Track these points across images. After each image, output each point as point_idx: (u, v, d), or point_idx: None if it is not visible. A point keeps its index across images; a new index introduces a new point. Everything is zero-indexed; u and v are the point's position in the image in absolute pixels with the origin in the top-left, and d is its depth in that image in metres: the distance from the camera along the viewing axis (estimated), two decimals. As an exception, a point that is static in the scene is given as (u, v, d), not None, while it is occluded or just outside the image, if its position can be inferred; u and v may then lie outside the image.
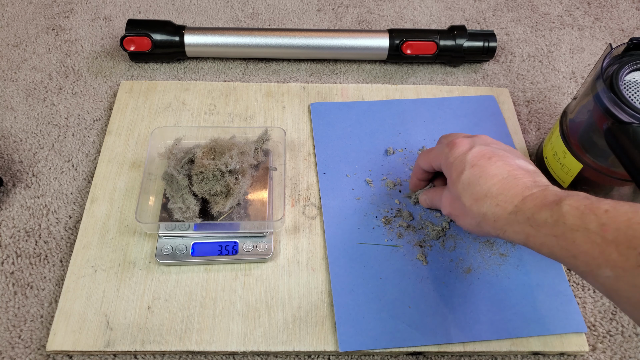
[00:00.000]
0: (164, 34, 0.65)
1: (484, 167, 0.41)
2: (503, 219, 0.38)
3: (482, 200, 0.40)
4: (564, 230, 0.34)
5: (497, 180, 0.40)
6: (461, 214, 0.43)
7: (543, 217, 0.36)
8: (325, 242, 0.52)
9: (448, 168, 0.43)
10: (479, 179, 0.40)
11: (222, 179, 0.50)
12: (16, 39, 0.71)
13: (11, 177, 0.57)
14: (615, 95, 0.45)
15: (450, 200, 0.44)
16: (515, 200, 0.38)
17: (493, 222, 0.39)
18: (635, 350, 0.48)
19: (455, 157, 0.43)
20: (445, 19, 0.78)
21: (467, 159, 0.42)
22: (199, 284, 0.49)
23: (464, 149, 0.43)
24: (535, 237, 0.36)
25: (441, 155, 0.45)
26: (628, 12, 0.80)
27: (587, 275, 0.34)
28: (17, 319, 0.48)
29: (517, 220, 0.37)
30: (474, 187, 0.40)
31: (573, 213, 0.34)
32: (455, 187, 0.42)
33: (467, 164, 0.41)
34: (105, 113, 0.63)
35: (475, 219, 0.41)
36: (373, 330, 0.46)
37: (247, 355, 0.47)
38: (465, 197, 0.41)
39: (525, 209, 0.37)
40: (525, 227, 0.37)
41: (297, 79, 0.68)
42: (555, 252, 0.35)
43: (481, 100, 0.65)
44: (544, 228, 0.35)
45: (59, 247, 0.52)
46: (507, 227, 0.38)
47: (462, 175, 0.41)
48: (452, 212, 0.45)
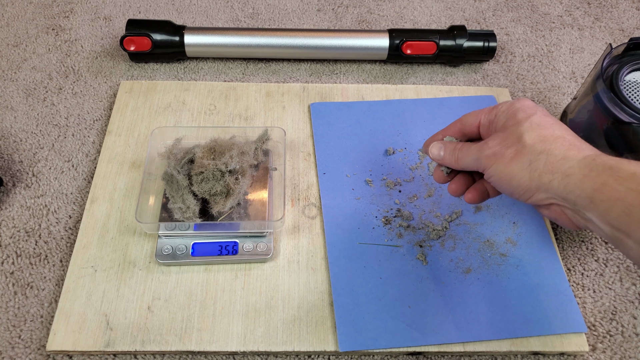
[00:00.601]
0: (164, 34, 0.66)
1: (557, 122, 0.37)
2: (575, 159, 0.33)
3: (551, 140, 0.35)
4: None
5: (572, 134, 0.36)
6: (514, 152, 0.37)
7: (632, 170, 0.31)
8: (325, 242, 0.52)
9: (512, 112, 0.38)
10: (552, 125, 0.36)
11: (222, 179, 0.50)
12: (16, 39, 0.71)
13: (11, 177, 0.57)
14: (615, 95, 0.45)
15: (501, 139, 0.38)
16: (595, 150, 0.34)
17: (557, 160, 0.34)
18: (635, 350, 0.48)
19: (523, 104, 0.39)
20: (445, 19, 0.78)
21: (539, 109, 0.38)
22: (199, 284, 0.49)
23: (534, 103, 0.40)
24: (612, 188, 0.31)
25: (502, 105, 0.40)
26: (628, 12, 0.80)
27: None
28: (17, 319, 0.48)
29: (594, 164, 0.32)
30: (545, 129, 0.36)
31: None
32: (519, 125, 0.37)
33: (539, 111, 0.38)
34: (105, 113, 0.63)
35: (531, 157, 0.35)
36: (373, 330, 0.46)
37: (247, 355, 0.47)
38: (529, 135, 0.36)
39: (607, 158, 0.32)
40: (603, 174, 0.31)
41: (297, 79, 0.68)
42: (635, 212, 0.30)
43: (481, 100, 0.65)
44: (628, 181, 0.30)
45: (59, 247, 0.52)
46: (576, 169, 0.33)
47: (533, 117, 0.37)
48: (497, 152, 0.38)
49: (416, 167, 0.58)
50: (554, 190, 0.34)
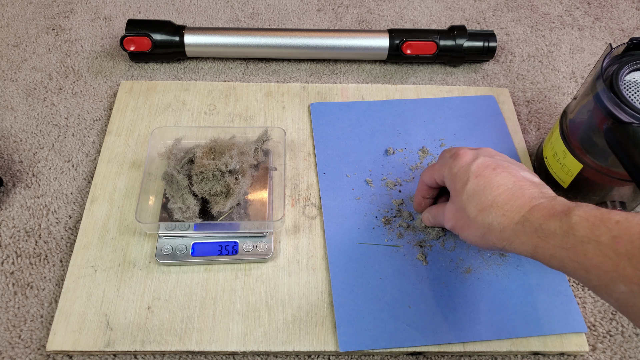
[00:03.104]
0: (164, 34, 0.65)
1: (489, 178, 0.40)
2: (509, 229, 0.37)
3: (487, 210, 0.39)
4: (574, 242, 0.33)
5: (503, 190, 0.39)
6: (465, 225, 0.42)
7: (552, 228, 0.34)
8: (325, 242, 0.52)
9: (452, 179, 0.43)
10: (484, 189, 0.39)
11: (222, 179, 0.50)
12: (16, 39, 0.71)
13: (11, 177, 0.57)
14: (615, 95, 0.45)
15: (453, 212, 0.43)
16: (522, 210, 0.37)
17: (499, 232, 0.38)
18: (635, 350, 0.48)
19: (459, 167, 0.42)
20: (445, 19, 0.78)
21: (472, 169, 0.41)
22: (199, 284, 0.49)
23: (467, 160, 0.42)
24: (543, 248, 0.35)
25: (444, 166, 0.44)
26: (628, 12, 0.80)
27: (600, 289, 0.32)
28: (17, 319, 0.48)
29: (524, 230, 0.36)
30: (479, 197, 0.39)
31: (583, 224, 0.33)
32: (459, 197, 0.41)
33: (471, 174, 0.41)
34: (105, 113, 0.63)
35: (480, 229, 0.40)
36: (373, 330, 0.46)
37: (247, 355, 0.47)
38: (469, 208, 0.40)
39: (533, 219, 0.36)
40: (533, 237, 0.35)
41: (297, 79, 0.68)
42: (566, 264, 0.34)
43: (481, 100, 0.65)
44: (553, 239, 0.34)
45: (59, 247, 0.52)
46: (513, 237, 0.37)
47: (467, 185, 0.41)
48: (455, 225, 0.43)
49: (416, 167, 0.58)
50: (508, 251, 0.39)
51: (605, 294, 0.32)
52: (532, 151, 0.62)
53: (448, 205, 0.45)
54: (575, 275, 0.34)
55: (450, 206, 0.44)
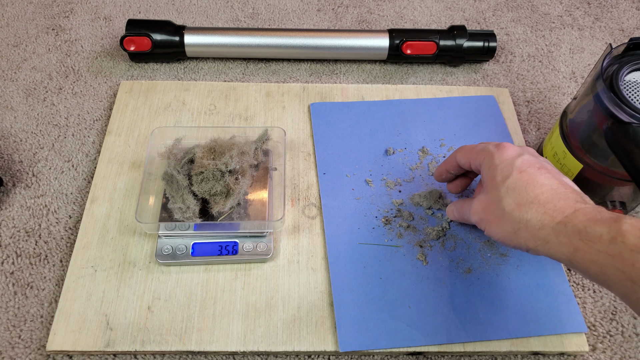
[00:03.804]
0: (164, 34, 0.65)
1: (533, 175, 0.39)
2: (549, 227, 0.36)
3: (527, 206, 0.38)
4: (622, 250, 0.31)
5: (546, 189, 0.38)
6: (496, 219, 0.40)
7: (598, 232, 0.33)
8: (325, 242, 0.52)
9: (492, 169, 0.41)
10: (527, 185, 0.38)
11: (222, 179, 0.50)
12: (16, 39, 0.71)
13: (11, 177, 0.57)
14: (615, 95, 0.45)
15: (485, 204, 0.42)
16: (567, 211, 0.36)
17: (536, 230, 0.37)
18: (635, 350, 0.48)
19: (502, 159, 0.41)
20: (445, 19, 0.78)
21: (516, 163, 0.40)
22: (199, 284, 0.49)
23: (512, 154, 0.41)
24: (584, 252, 0.33)
25: (486, 154, 0.43)
26: (628, 12, 0.80)
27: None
28: (17, 319, 0.48)
29: (565, 231, 0.35)
30: (520, 192, 0.38)
31: (635, 232, 0.31)
32: (497, 189, 0.40)
33: (515, 168, 0.40)
34: (105, 113, 0.63)
35: (513, 225, 0.38)
36: (373, 331, 0.46)
37: (247, 355, 0.47)
38: (507, 201, 0.39)
39: (577, 221, 0.34)
40: (574, 239, 0.34)
41: (297, 79, 0.68)
42: (608, 272, 0.32)
43: (481, 100, 0.65)
44: (597, 244, 0.32)
45: (59, 247, 0.52)
46: (551, 237, 0.36)
47: (509, 178, 0.39)
48: (484, 217, 0.42)
49: (416, 167, 0.58)
50: (541, 253, 0.37)
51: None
52: (532, 151, 0.62)
53: (479, 196, 0.43)
54: (615, 285, 0.32)
55: (483, 197, 0.42)
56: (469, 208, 0.45)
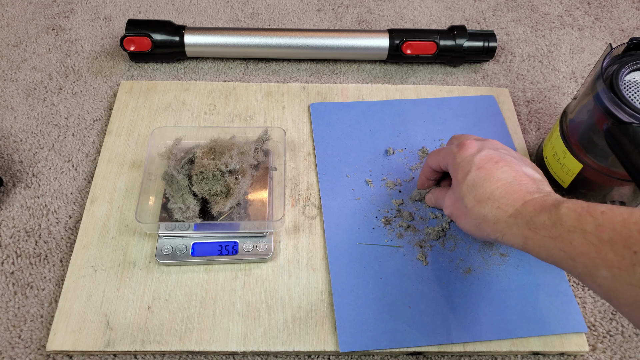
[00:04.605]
0: (164, 34, 0.65)
1: (490, 170, 0.41)
2: (503, 221, 0.39)
3: (484, 202, 0.40)
4: (562, 231, 0.34)
5: (502, 184, 0.40)
6: (462, 214, 0.43)
7: (541, 220, 0.36)
8: (325, 242, 0.52)
9: (455, 168, 0.44)
10: (484, 181, 0.41)
11: (222, 179, 0.50)
12: (16, 39, 0.71)
13: (11, 177, 0.57)
14: (615, 95, 0.45)
15: (453, 200, 0.45)
16: (516, 204, 0.39)
17: (493, 224, 0.40)
18: (635, 350, 0.48)
19: (462, 157, 0.43)
20: (445, 19, 0.78)
21: (475, 160, 0.42)
22: (199, 284, 0.49)
23: (472, 151, 0.43)
24: (533, 239, 0.36)
25: (449, 155, 0.45)
26: (628, 12, 0.80)
27: (585, 277, 0.34)
28: (17, 319, 0.48)
29: (516, 223, 0.38)
30: (478, 188, 0.41)
31: (570, 215, 0.34)
32: (459, 187, 0.43)
33: (473, 166, 0.42)
34: (105, 113, 0.63)
35: (475, 220, 0.41)
36: (373, 331, 0.46)
37: (247, 355, 0.47)
38: (468, 198, 0.42)
39: (525, 213, 0.38)
40: (524, 230, 0.37)
41: (297, 79, 0.68)
42: (554, 254, 0.35)
43: (481, 100, 0.65)
44: (542, 230, 0.36)
45: (59, 247, 0.52)
46: (506, 230, 0.39)
47: (468, 176, 0.42)
48: (453, 212, 0.45)
49: (416, 167, 0.58)
50: (501, 242, 0.40)
51: (589, 280, 0.33)
52: (532, 151, 0.62)
53: (449, 192, 0.46)
54: (562, 264, 0.35)
55: (451, 194, 0.46)
56: (442, 200, 0.48)
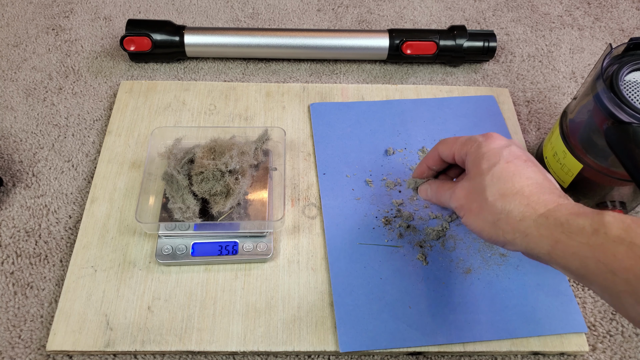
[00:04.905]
0: (164, 34, 0.65)
1: (520, 167, 0.38)
2: (531, 219, 0.35)
3: (510, 197, 0.37)
4: (604, 241, 0.31)
5: (532, 182, 0.37)
6: (477, 208, 0.39)
7: (581, 224, 0.32)
8: (325, 242, 0.52)
9: (478, 158, 0.40)
10: (513, 176, 0.38)
11: (222, 179, 0.50)
12: (16, 39, 0.71)
13: (11, 177, 0.57)
14: (615, 95, 0.45)
15: (467, 191, 0.41)
16: (549, 205, 0.35)
17: (517, 221, 0.36)
18: (635, 350, 0.48)
19: (490, 148, 0.40)
20: (445, 19, 0.78)
21: (504, 153, 0.39)
22: (199, 284, 0.49)
23: (501, 144, 0.41)
24: (566, 244, 0.33)
25: (473, 143, 0.42)
26: (628, 12, 0.80)
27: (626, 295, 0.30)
28: (17, 319, 0.48)
29: (547, 223, 0.34)
30: (505, 182, 0.38)
31: (617, 224, 0.31)
32: (481, 177, 0.39)
33: (502, 158, 0.39)
34: (105, 113, 0.63)
35: (494, 215, 0.37)
36: (373, 331, 0.46)
37: (247, 355, 0.47)
38: (491, 190, 0.38)
39: (559, 214, 0.34)
40: (556, 232, 0.34)
41: (297, 79, 0.68)
42: (589, 264, 0.31)
43: (481, 100, 0.65)
44: (579, 236, 0.32)
45: (59, 247, 0.52)
46: (532, 229, 0.35)
47: (495, 167, 0.38)
48: (464, 205, 0.41)
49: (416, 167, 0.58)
50: (518, 246, 0.37)
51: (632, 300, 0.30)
52: (532, 151, 0.62)
53: (462, 183, 0.42)
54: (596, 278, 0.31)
55: (465, 184, 0.41)
56: (449, 192, 0.43)
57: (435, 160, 0.47)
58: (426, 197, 0.48)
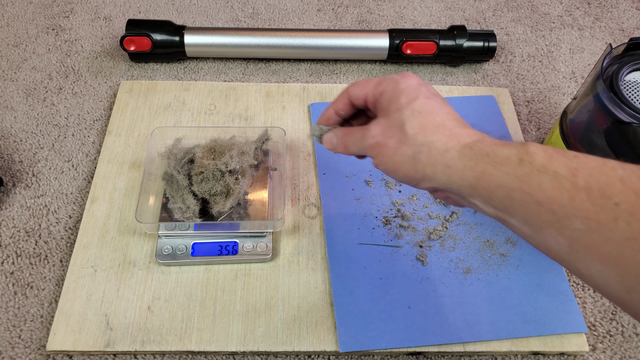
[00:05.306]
0: (164, 34, 0.65)
1: (439, 103, 0.37)
2: (455, 150, 0.34)
3: (432, 129, 0.35)
4: (530, 171, 0.30)
5: (452, 117, 0.37)
6: (396, 143, 0.37)
7: (506, 154, 0.32)
8: (325, 242, 0.52)
9: (396, 94, 0.38)
10: (433, 109, 0.36)
11: (222, 179, 0.50)
12: (16, 39, 0.71)
13: (11, 177, 0.57)
14: (615, 95, 0.45)
15: (384, 127, 0.38)
16: (473, 136, 0.35)
17: (440, 153, 0.34)
18: (635, 350, 0.48)
19: (408, 84, 0.38)
20: (445, 19, 0.78)
21: (422, 90, 0.38)
22: (199, 284, 0.49)
23: (418, 81, 0.39)
24: (491, 175, 0.32)
25: (388, 82, 0.39)
26: (628, 12, 0.80)
27: (551, 226, 0.29)
28: (17, 319, 0.48)
29: (472, 153, 0.33)
30: (427, 116, 0.36)
31: (541, 154, 0.30)
32: (400, 112, 0.37)
33: (421, 94, 0.37)
34: (105, 113, 0.63)
35: (414, 148, 0.36)
36: (373, 331, 0.46)
37: (247, 355, 0.47)
38: (411, 124, 0.36)
39: (484, 144, 0.33)
40: (481, 162, 0.32)
41: (297, 79, 0.68)
42: (515, 196, 0.31)
43: (481, 100, 0.65)
44: (504, 166, 0.31)
45: (59, 247, 0.52)
46: (456, 160, 0.34)
47: (415, 102, 0.37)
48: (381, 142, 0.38)
49: (416, 167, 0.58)
50: (437, 181, 0.35)
51: (556, 231, 0.29)
52: (532, 151, 0.61)
53: (377, 120, 0.39)
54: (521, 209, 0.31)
55: (382, 121, 0.39)
56: (360, 133, 0.40)
57: (344, 104, 0.43)
58: (331, 147, 0.43)
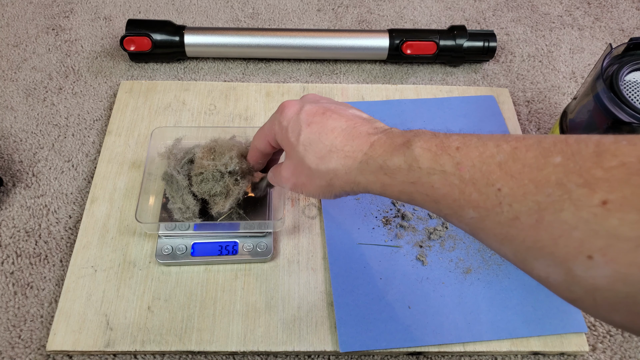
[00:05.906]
0: (164, 34, 0.65)
1: (321, 123, 0.38)
2: (355, 169, 0.36)
3: (328, 157, 0.37)
4: (420, 175, 0.32)
5: (338, 133, 0.37)
6: (307, 179, 0.39)
7: (396, 163, 0.34)
8: (325, 242, 0.52)
9: (284, 134, 0.40)
10: (320, 135, 0.38)
11: (221, 180, 0.50)
12: (16, 39, 0.71)
13: (11, 177, 0.57)
14: (615, 95, 0.45)
15: (292, 169, 0.41)
16: (364, 148, 0.36)
17: (345, 175, 0.37)
18: (635, 350, 0.48)
19: (288, 119, 0.40)
20: (445, 19, 0.78)
21: (301, 118, 0.39)
22: (199, 284, 0.49)
23: (295, 110, 0.40)
24: (391, 185, 0.34)
25: (273, 123, 0.42)
26: (628, 12, 0.80)
27: (452, 217, 0.32)
28: (17, 319, 0.48)
29: (369, 168, 0.35)
30: (316, 145, 0.38)
31: (426, 155, 0.32)
32: (295, 150, 0.39)
33: (302, 124, 0.39)
34: (105, 113, 0.63)
35: (324, 178, 0.38)
36: (373, 330, 0.46)
37: (247, 355, 0.47)
38: (309, 158, 0.38)
39: (376, 156, 0.35)
40: (380, 175, 0.35)
41: (297, 79, 0.68)
42: (416, 198, 0.33)
43: (481, 100, 0.65)
44: (399, 175, 0.34)
45: (59, 247, 0.52)
46: (360, 177, 0.36)
47: (301, 136, 0.38)
48: (297, 182, 0.41)
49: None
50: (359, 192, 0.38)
51: (456, 221, 0.32)
52: (532, 151, 0.61)
53: (284, 163, 0.42)
54: (427, 207, 0.33)
55: (287, 163, 0.41)
56: (277, 177, 0.43)
57: (257, 156, 0.47)
58: (276, 183, 0.46)
